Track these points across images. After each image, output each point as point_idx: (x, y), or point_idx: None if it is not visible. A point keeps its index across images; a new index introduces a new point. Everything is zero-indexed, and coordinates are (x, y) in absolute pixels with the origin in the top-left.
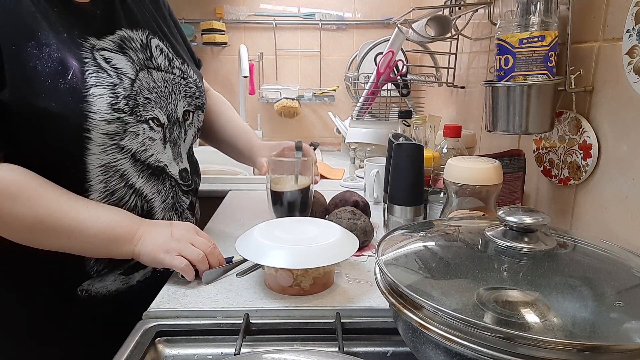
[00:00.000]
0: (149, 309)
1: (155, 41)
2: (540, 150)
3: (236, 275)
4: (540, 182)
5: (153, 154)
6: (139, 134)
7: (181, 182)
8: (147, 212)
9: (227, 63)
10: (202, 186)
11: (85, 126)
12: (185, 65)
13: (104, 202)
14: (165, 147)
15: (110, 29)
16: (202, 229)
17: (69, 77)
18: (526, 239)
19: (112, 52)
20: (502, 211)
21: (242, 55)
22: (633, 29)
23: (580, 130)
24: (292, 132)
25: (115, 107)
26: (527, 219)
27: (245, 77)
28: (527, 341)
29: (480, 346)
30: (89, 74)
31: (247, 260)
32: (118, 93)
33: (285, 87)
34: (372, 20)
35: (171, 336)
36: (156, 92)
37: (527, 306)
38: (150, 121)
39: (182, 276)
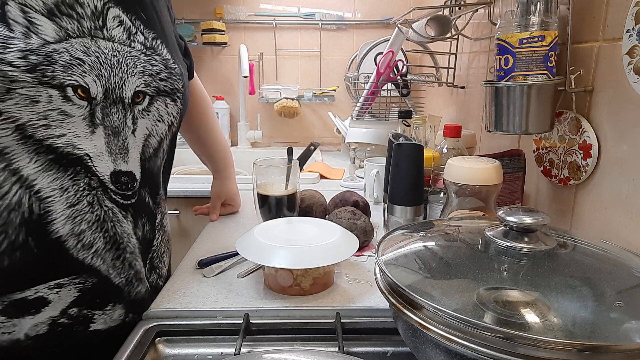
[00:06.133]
0: (149, 309)
1: (114, 11)
2: (540, 150)
3: (236, 275)
4: (540, 182)
5: (64, 135)
6: (38, 101)
7: (112, 186)
8: (38, 217)
9: (227, 63)
10: (202, 186)
11: None
12: (158, 42)
13: None
14: (94, 132)
15: None
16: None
17: None
18: (526, 239)
19: (36, 12)
20: (502, 211)
21: (242, 55)
22: (633, 29)
23: (580, 130)
24: (292, 132)
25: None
26: (527, 219)
27: (245, 77)
28: (527, 341)
29: (480, 346)
30: None
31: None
32: (13, 45)
33: (285, 87)
34: (372, 20)
35: (171, 336)
36: (97, 57)
37: (527, 306)
38: (68, 88)
39: None
